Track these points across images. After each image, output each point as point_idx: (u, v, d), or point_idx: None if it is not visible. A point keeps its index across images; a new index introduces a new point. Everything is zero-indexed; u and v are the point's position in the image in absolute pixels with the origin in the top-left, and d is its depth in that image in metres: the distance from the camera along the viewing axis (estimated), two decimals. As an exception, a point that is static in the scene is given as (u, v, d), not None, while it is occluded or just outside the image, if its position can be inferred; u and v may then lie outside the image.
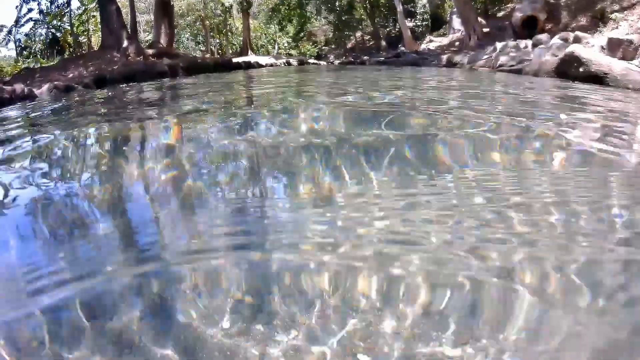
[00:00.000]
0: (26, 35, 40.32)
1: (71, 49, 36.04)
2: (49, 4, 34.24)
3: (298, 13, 46.90)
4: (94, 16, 35.21)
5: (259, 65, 25.55)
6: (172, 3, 21.82)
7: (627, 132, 3.46)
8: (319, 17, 53.10)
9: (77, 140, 5.22)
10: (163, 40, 19.63)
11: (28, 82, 12.37)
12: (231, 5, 50.60)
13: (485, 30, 22.03)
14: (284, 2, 47.98)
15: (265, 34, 57.21)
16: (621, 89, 6.27)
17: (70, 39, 37.23)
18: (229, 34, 53.54)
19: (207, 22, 50.10)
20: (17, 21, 41.50)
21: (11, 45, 44.96)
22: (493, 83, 6.12)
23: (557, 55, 8.33)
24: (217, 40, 52.57)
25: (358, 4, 49.37)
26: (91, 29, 38.33)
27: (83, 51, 36.80)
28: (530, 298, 1.73)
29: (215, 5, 49.78)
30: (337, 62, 46.96)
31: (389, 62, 25.79)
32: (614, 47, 7.22)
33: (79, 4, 36.67)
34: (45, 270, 2.16)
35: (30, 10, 36.58)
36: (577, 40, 8.54)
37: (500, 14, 28.83)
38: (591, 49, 7.89)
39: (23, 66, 25.59)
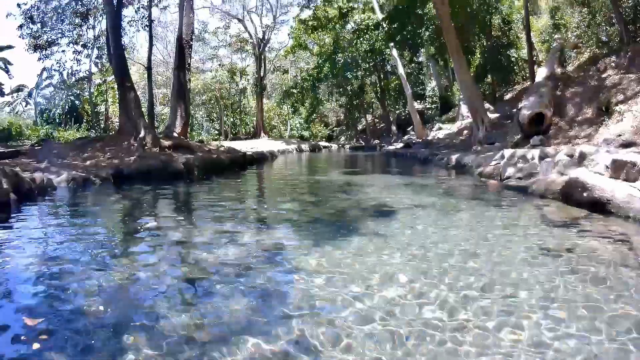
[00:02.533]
0: (46, 99, 41.72)
1: (89, 118, 37.02)
2: (70, 75, 35.55)
3: (311, 96, 48.20)
4: (112, 88, 36.37)
5: (272, 156, 25.88)
6: (188, 87, 22.54)
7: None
8: (330, 99, 54.58)
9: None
10: (178, 124, 20.16)
11: (46, 163, 12.68)
12: (246, 87, 52.28)
13: (494, 117, 22.47)
14: (297, 85, 49.43)
15: (278, 115, 58.54)
16: (622, 218, 6.33)
17: (88, 108, 38.33)
18: (243, 113, 54.89)
19: (222, 101, 51.59)
20: (37, 85, 43.09)
21: (29, 105, 46.70)
22: (505, 224, 6.10)
23: (562, 174, 8.47)
24: (231, 119, 53.85)
25: (369, 87, 50.81)
26: (109, 101, 39.53)
27: (100, 121, 37.86)
28: None
29: (230, 85, 51.44)
30: (348, 146, 47.83)
31: (399, 154, 26.19)
32: (618, 168, 7.36)
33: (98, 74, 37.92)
34: None
35: (51, 76, 38.02)
36: (582, 157, 8.70)
37: (507, 97, 29.56)
38: (595, 168, 8.03)
39: (41, 131, 26.21)
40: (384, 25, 30.20)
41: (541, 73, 17.43)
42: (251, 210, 8.09)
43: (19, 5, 22.57)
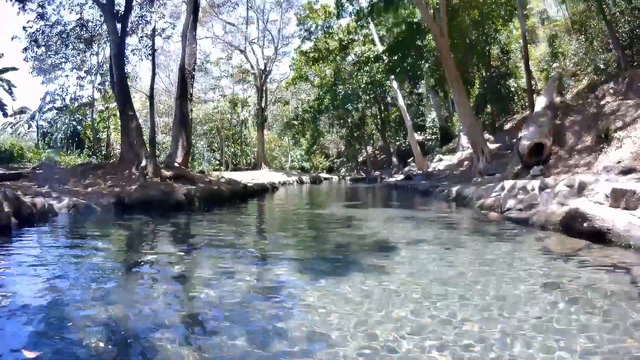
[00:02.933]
0: (48, 122, 41.95)
1: (91, 144, 37.17)
2: (73, 100, 35.78)
3: (311, 127, 48.50)
4: (114, 115, 36.56)
5: (273, 187, 25.89)
6: (190, 117, 22.70)
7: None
8: (331, 130, 54.94)
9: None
10: (180, 154, 20.25)
11: (47, 188, 12.70)
12: (247, 119, 52.62)
13: (494, 147, 22.58)
14: (298, 116, 49.77)
15: (279, 146, 58.80)
16: (622, 247, 6.31)
17: (90, 133, 38.50)
18: (244, 144, 55.12)
19: (223, 131, 51.87)
20: (40, 108, 43.37)
21: (32, 128, 46.83)
22: (504, 262, 6.05)
23: (563, 205, 8.48)
24: (232, 150, 54.09)
25: (369, 118, 51.20)
26: (111, 127, 39.74)
27: (102, 147, 37.98)
28: None
29: (231, 116, 51.79)
30: (348, 177, 47.91)
31: (400, 186, 26.21)
32: (617, 197, 7.38)
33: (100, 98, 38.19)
34: None
35: (54, 100, 38.29)
36: (582, 187, 8.71)
37: (507, 126, 29.72)
38: (595, 197, 8.04)
39: (43, 155, 26.27)
40: (384, 58, 30.55)
41: (540, 102, 17.51)
42: (251, 244, 8.04)
43: (24, 28, 22.82)
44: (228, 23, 46.47)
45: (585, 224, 7.06)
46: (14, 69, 38.57)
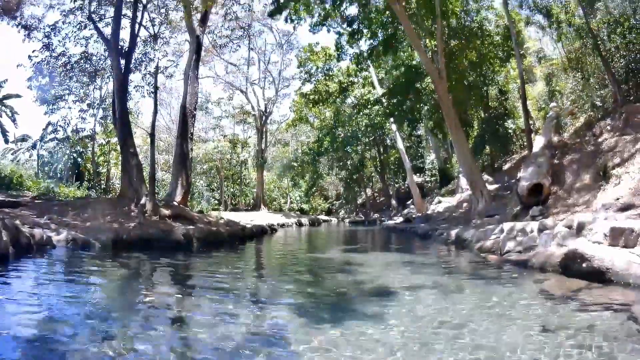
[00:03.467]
0: (49, 152, 41.96)
1: (90, 177, 37.17)
2: (74, 132, 35.92)
3: (311, 169, 48.64)
4: (115, 150, 36.63)
5: (272, 230, 25.80)
6: (190, 156, 22.80)
7: None
8: (331, 173, 55.09)
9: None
10: (179, 193, 20.26)
11: (45, 219, 12.64)
12: (247, 159, 52.83)
13: (493, 188, 22.60)
14: (297, 159, 49.96)
15: (278, 187, 58.83)
16: (622, 286, 6.30)
17: (90, 166, 38.53)
18: (243, 184, 55.20)
19: (223, 171, 52.01)
20: (42, 137, 43.43)
21: (32, 156, 46.77)
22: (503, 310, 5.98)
23: (562, 245, 8.51)
24: (232, 190, 54.11)
25: (369, 161, 51.41)
26: (112, 162, 39.83)
27: (102, 181, 37.98)
28: None
29: (231, 156, 52.01)
30: (347, 220, 47.83)
31: (399, 229, 26.15)
32: (616, 235, 7.41)
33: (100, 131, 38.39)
34: None
35: (56, 130, 38.38)
36: (580, 227, 8.74)
37: (506, 166, 29.80)
38: (594, 237, 8.08)
39: (42, 184, 26.21)
40: (383, 101, 30.90)
41: (538, 142, 17.64)
42: (249, 288, 7.96)
43: (29, 57, 23.17)
44: (230, 63, 47.18)
45: (584, 264, 7.05)
46: (17, 96, 38.78)
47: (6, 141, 41.65)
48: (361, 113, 41.77)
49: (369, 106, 39.54)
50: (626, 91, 18.33)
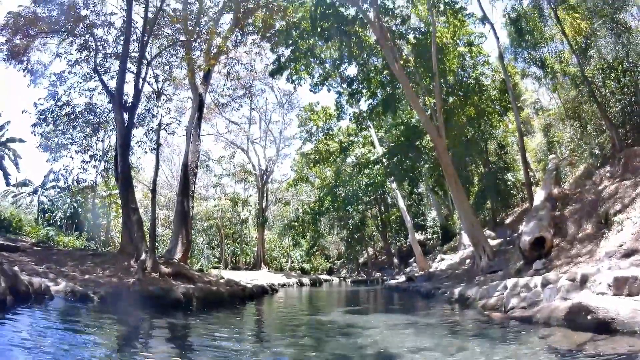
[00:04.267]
0: (49, 200, 41.80)
1: (90, 228, 36.94)
2: (75, 182, 35.90)
3: (312, 229, 48.47)
4: (116, 203, 36.52)
5: (272, 290, 25.48)
6: (191, 214, 22.78)
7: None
8: (332, 232, 54.88)
9: None
10: (179, 250, 20.15)
11: (44, 267, 12.51)
12: (247, 218, 52.76)
13: (495, 243, 22.44)
14: (298, 218, 49.86)
15: (279, 247, 58.46)
16: (628, 335, 6.21)
17: (90, 217, 38.35)
18: (244, 243, 54.88)
19: (223, 230, 51.79)
20: (43, 184, 43.40)
21: (33, 201, 46.57)
22: None
23: (566, 299, 8.48)
24: (232, 248, 53.78)
25: (370, 220, 51.32)
26: (112, 214, 39.68)
27: (101, 233, 37.69)
28: None
29: (232, 215, 51.93)
30: (349, 279, 47.34)
31: (401, 289, 25.82)
32: (620, 285, 7.40)
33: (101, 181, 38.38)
34: None
35: (57, 179, 38.37)
36: (584, 279, 8.70)
37: (508, 220, 29.63)
38: (598, 288, 8.06)
39: (41, 231, 26.03)
40: (384, 161, 31.19)
41: (539, 195, 17.74)
42: (249, 351, 7.79)
43: (35, 104, 23.45)
44: (231, 122, 47.88)
45: (589, 317, 6.96)
46: (21, 140, 39.25)
47: (7, 184, 41.99)
48: (362, 172, 42.01)
49: (369, 165, 39.85)
50: (624, 134, 18.47)
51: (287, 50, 25.31)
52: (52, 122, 23.92)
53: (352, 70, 28.36)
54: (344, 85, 28.74)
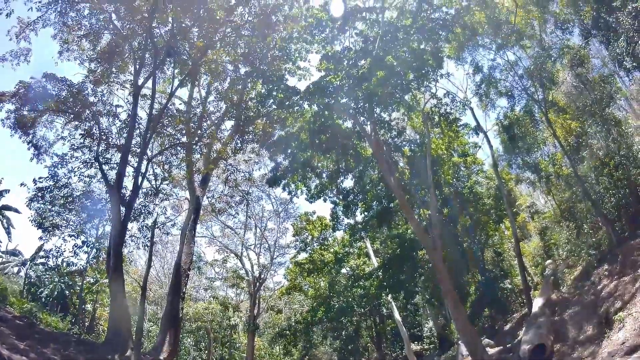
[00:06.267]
0: (37, 276, 40.46)
1: (75, 312, 35.67)
2: (65, 264, 35.11)
3: (304, 339, 46.97)
4: (104, 291, 35.54)
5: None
6: (180, 315, 22.24)
7: None
8: (324, 342, 53.04)
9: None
10: (166, 350, 19.41)
11: (25, 345, 12.05)
12: (237, 324, 51.33)
13: (494, 351, 21.70)
14: (290, 327, 48.48)
15: (269, 354, 56.46)
16: None
17: (76, 301, 37.13)
18: (232, 348, 53.07)
19: (212, 333, 50.29)
20: (32, 258, 42.12)
21: (20, 273, 45.05)
22: None
23: None
24: (220, 352, 51.90)
25: (364, 331, 49.78)
26: (99, 302, 38.53)
27: (86, 319, 36.28)
28: None
29: (222, 318, 50.53)
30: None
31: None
32: None
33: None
34: None
35: (47, 256, 37.38)
36: None
37: (507, 327, 28.76)
38: None
39: (25, 306, 25.05)
40: (379, 274, 31.01)
41: (537, 302, 17.54)
42: None
43: (34, 181, 23.45)
44: (227, 226, 47.70)
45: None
46: (17, 211, 38.85)
47: (-3, 250, 41.22)
48: (356, 284, 41.44)
49: (364, 278, 39.41)
50: (620, 228, 18.47)
51: (285, 161, 25.90)
52: (49, 201, 23.95)
53: (348, 182, 28.89)
54: (340, 197, 29.06)
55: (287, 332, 47.68)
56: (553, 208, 28.36)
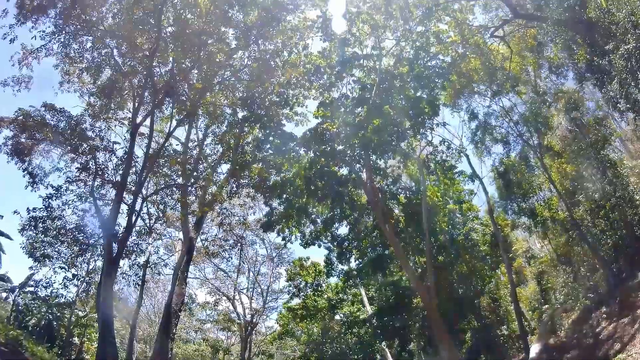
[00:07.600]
0: (25, 304, 39.49)
1: (62, 344, 34.84)
2: (54, 295, 34.42)
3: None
4: (93, 325, 34.81)
5: None
6: (170, 356, 21.73)
7: None
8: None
9: None
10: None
11: None
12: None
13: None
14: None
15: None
16: None
17: (64, 333, 36.32)
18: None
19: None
20: (22, 286, 41.16)
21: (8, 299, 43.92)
22: None
23: None
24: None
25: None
26: (86, 336, 37.76)
27: (72, 352, 35.36)
28: None
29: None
30: None
31: None
32: None
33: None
34: None
35: (36, 286, 36.68)
36: None
37: None
38: None
39: (11, 332, 24.40)
40: (373, 322, 30.59)
41: (534, 348, 17.36)
42: None
43: (28, 210, 23.17)
44: (220, 269, 47.13)
45: None
46: (8, 237, 38.06)
47: (-16, 274, 40.50)
48: (350, 331, 40.77)
49: (358, 325, 38.77)
50: (617, 269, 18.27)
51: (280, 207, 25.82)
52: (41, 231, 23.67)
53: (343, 229, 28.68)
54: (335, 243, 28.82)
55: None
56: (549, 252, 28.19)
